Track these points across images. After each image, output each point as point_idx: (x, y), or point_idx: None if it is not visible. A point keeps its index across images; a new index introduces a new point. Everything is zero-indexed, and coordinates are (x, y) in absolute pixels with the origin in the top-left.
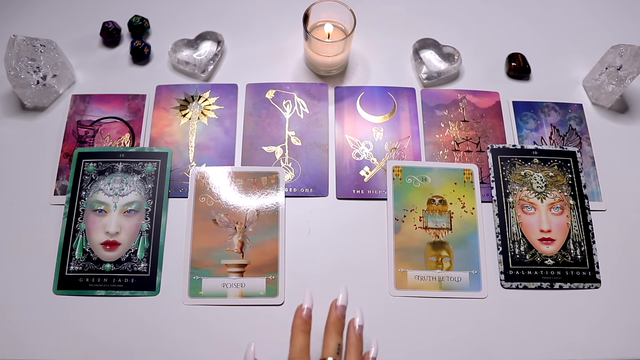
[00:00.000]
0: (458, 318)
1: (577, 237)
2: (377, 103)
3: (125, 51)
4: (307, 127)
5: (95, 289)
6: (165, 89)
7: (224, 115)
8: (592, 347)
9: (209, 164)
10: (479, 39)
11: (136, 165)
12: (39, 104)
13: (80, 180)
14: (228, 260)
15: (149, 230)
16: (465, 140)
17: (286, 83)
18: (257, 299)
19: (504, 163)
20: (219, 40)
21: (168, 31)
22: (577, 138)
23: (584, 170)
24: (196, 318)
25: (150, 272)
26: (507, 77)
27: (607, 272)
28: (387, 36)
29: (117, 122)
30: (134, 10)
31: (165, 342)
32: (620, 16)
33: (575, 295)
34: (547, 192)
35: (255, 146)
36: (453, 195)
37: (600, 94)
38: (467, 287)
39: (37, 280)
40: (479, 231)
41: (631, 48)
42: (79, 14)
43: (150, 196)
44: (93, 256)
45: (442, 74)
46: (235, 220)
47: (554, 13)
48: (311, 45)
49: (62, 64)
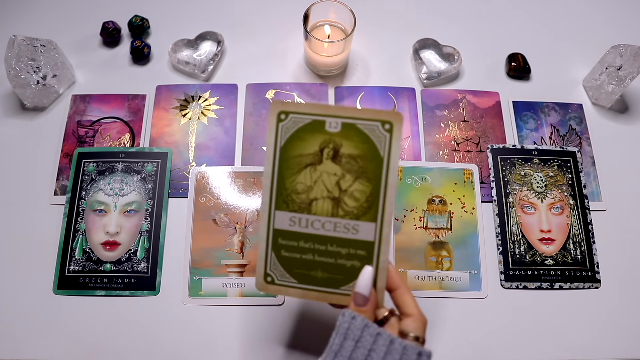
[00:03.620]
0: (458, 318)
1: (577, 237)
2: (377, 103)
3: (125, 51)
4: None
5: (95, 289)
6: (165, 89)
7: (224, 115)
8: (592, 347)
9: (209, 164)
10: (479, 39)
11: (136, 165)
12: (39, 104)
13: (80, 180)
14: (228, 260)
15: (149, 230)
16: (465, 140)
17: (286, 83)
18: (257, 299)
19: (504, 163)
20: (219, 40)
21: (168, 31)
22: (577, 138)
23: (584, 170)
24: (196, 318)
25: (150, 272)
26: (507, 77)
27: (607, 272)
28: (387, 36)
29: (117, 122)
30: (134, 10)
31: (165, 342)
32: (620, 16)
33: (575, 295)
34: (547, 192)
35: (255, 146)
36: (453, 195)
37: (600, 94)
38: (467, 287)
39: (37, 280)
40: (479, 231)
41: (631, 48)
42: (79, 14)
43: (150, 196)
44: (93, 256)
45: (442, 74)
46: (235, 220)
47: (554, 13)
48: (311, 45)
49: (62, 64)
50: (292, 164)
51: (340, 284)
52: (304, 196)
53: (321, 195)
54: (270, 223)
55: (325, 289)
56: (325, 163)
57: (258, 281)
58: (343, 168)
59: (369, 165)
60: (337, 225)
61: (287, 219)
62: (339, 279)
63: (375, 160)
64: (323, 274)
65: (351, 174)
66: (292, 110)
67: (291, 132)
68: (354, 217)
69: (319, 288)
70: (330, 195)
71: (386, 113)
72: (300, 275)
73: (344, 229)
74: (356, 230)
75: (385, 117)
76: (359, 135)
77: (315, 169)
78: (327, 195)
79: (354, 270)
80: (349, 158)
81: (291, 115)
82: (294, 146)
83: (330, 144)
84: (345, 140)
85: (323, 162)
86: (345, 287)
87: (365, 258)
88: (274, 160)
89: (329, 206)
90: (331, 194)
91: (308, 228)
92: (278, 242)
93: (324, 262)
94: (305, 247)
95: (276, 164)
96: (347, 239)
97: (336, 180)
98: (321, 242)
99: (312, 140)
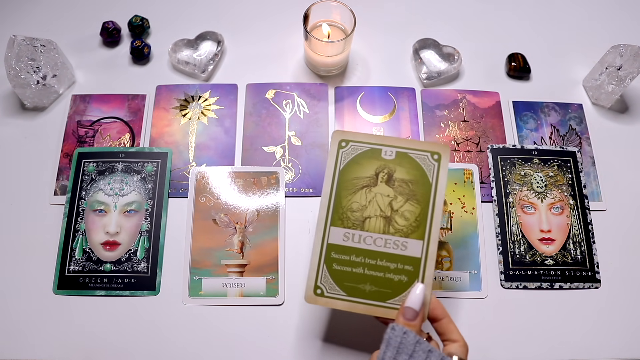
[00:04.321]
0: (458, 318)
1: (577, 237)
2: (377, 103)
3: (125, 51)
4: (307, 127)
5: (95, 289)
6: (165, 89)
7: (224, 115)
8: (592, 347)
9: (209, 164)
10: (479, 39)
11: (136, 165)
12: (39, 104)
13: (80, 180)
14: (228, 260)
15: (149, 230)
16: (465, 140)
17: (286, 83)
18: (257, 299)
19: (504, 163)
20: (219, 40)
21: (168, 31)
22: (577, 138)
23: (584, 170)
24: (196, 318)
25: (150, 272)
26: (507, 77)
27: (607, 272)
28: (387, 36)
29: (117, 122)
30: (134, 10)
31: (165, 342)
32: (620, 16)
33: (575, 295)
34: (547, 192)
35: (255, 146)
36: (453, 195)
37: (600, 94)
38: (467, 287)
39: (37, 280)
40: (479, 231)
41: (631, 48)
42: (79, 14)
43: (150, 196)
44: (93, 256)
45: (442, 74)
46: (235, 220)
47: (554, 13)
48: (311, 45)
49: (62, 64)
50: (349, 185)
51: (387, 297)
52: (358, 214)
53: (374, 214)
54: (325, 238)
55: (373, 302)
56: (380, 186)
57: (307, 294)
58: (396, 191)
59: (419, 189)
60: (387, 242)
61: (341, 234)
62: (386, 292)
63: (425, 185)
64: (371, 287)
65: (403, 196)
66: (351, 139)
67: (350, 158)
68: (403, 235)
69: (367, 301)
70: (383, 214)
71: (436, 145)
72: (349, 288)
73: (393, 245)
74: (405, 246)
75: (434, 149)
76: (411, 163)
77: (371, 190)
78: (380, 214)
79: (401, 285)
80: (402, 182)
81: (351, 143)
82: (352, 170)
83: (385, 169)
84: (398, 167)
85: (378, 184)
86: (392, 300)
87: (412, 273)
88: (332, 181)
89: (381, 224)
90: (384, 213)
91: (360, 243)
92: (331, 255)
93: (374, 276)
94: (357, 261)
95: (335, 185)
96: (396, 255)
97: (389, 201)
98: (372, 257)
99: (368, 165)
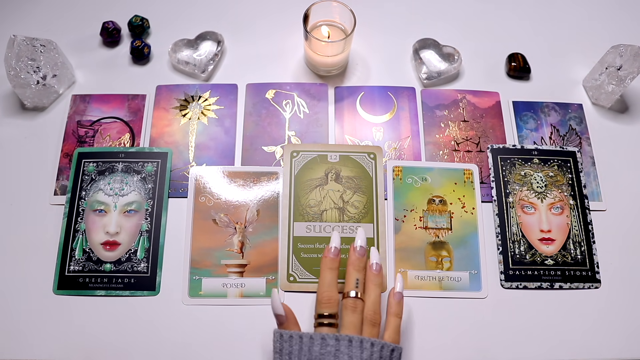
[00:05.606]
0: (458, 318)
1: (577, 237)
2: (377, 103)
3: (125, 51)
4: (307, 127)
5: (95, 289)
6: (165, 89)
7: (224, 115)
8: (592, 347)
9: (209, 164)
10: (479, 39)
11: (136, 165)
12: (39, 104)
13: (80, 180)
14: (228, 260)
15: (149, 230)
16: (465, 140)
17: (286, 83)
18: (257, 299)
19: (504, 163)
20: (219, 40)
21: (168, 31)
22: (577, 138)
23: (584, 170)
24: (196, 318)
25: (150, 272)
26: (507, 77)
27: (607, 272)
28: (387, 36)
29: (117, 122)
30: (134, 10)
31: (165, 342)
32: (620, 16)
33: (575, 295)
34: (547, 192)
35: (255, 146)
36: (453, 195)
37: (600, 94)
38: (467, 287)
39: (37, 280)
40: (479, 231)
41: (631, 48)
42: (79, 14)
43: (150, 196)
44: (93, 256)
45: (442, 74)
46: (235, 220)
47: (554, 13)
48: (311, 45)
49: (62, 64)
50: (304, 186)
51: None
52: (316, 209)
53: (329, 206)
54: (291, 232)
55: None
56: (330, 183)
57: (282, 282)
58: (344, 186)
59: (362, 183)
60: (343, 228)
61: (304, 227)
62: None
63: (367, 179)
64: None
65: (350, 189)
66: (301, 149)
67: (302, 164)
68: (356, 221)
69: None
70: (337, 206)
71: (370, 147)
72: (318, 271)
73: (349, 230)
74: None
75: (370, 150)
76: (353, 162)
77: (323, 188)
78: (334, 206)
79: None
80: (348, 179)
81: (301, 152)
82: (305, 174)
83: (333, 170)
84: (343, 167)
85: (328, 182)
86: None
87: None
88: (290, 185)
89: (336, 214)
90: (337, 205)
91: (321, 232)
92: (298, 246)
93: None
94: (321, 248)
95: (292, 188)
96: (352, 238)
97: (340, 195)
98: None
99: (318, 168)
